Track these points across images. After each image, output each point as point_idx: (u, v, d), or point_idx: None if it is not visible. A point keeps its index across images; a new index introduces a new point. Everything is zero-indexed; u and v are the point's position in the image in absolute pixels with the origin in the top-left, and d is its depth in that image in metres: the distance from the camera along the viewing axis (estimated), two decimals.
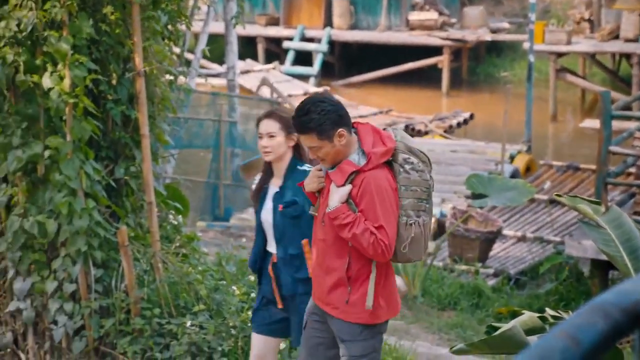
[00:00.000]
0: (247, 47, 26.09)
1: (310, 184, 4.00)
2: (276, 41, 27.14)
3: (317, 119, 3.80)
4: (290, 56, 26.21)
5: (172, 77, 6.37)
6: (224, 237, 10.41)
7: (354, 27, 26.81)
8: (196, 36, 15.32)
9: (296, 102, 18.85)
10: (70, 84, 5.15)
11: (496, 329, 2.68)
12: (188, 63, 9.21)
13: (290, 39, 26.60)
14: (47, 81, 5.13)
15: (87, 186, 5.33)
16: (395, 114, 20.95)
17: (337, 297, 3.90)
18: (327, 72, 26.07)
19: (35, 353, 5.57)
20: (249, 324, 5.13)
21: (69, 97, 5.14)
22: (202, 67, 19.30)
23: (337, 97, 20.64)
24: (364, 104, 22.44)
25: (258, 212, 4.44)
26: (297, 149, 4.36)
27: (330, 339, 4.03)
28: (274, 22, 27.55)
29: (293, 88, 23.40)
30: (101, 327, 5.36)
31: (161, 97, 6.00)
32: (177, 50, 6.61)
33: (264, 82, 19.37)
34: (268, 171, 4.44)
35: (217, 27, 19.47)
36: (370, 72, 25.39)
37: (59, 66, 5.16)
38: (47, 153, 5.25)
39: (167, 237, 6.03)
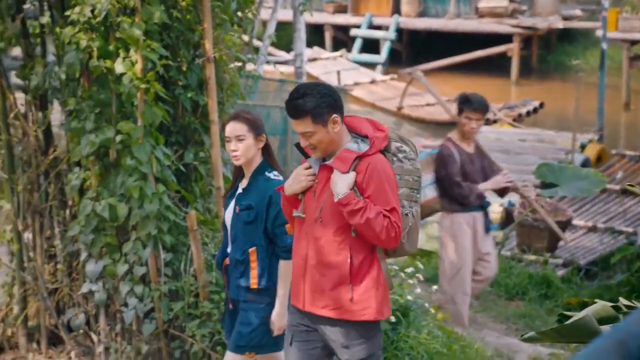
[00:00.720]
0: (315, 34, 26.11)
1: (296, 184, 3.80)
2: (343, 29, 27.09)
3: (313, 101, 3.67)
4: (357, 44, 26.14)
5: (240, 64, 6.41)
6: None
7: (422, 14, 26.61)
8: (264, 23, 15.40)
9: (364, 90, 18.59)
10: (141, 69, 5.21)
11: (568, 317, 2.62)
12: (256, 50, 9.25)
13: (358, 26, 26.52)
14: (119, 66, 5.20)
15: (158, 171, 5.40)
16: None
17: (338, 296, 3.74)
18: (395, 60, 25.93)
19: (107, 334, 5.67)
20: None
21: (140, 83, 5.21)
22: (269, 54, 19.38)
23: (404, 84, 20.36)
24: None
25: (225, 211, 4.39)
26: (266, 151, 4.24)
27: (323, 348, 3.86)
28: (341, 9, 27.51)
29: (360, 76, 23.34)
30: (170, 310, 5.43)
31: (230, 83, 6.05)
32: (245, 37, 6.64)
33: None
34: (240, 171, 4.36)
35: (286, 14, 19.52)
36: (438, 60, 25.16)
37: (131, 52, 5.23)
38: (118, 138, 5.33)
39: None
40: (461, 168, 6.08)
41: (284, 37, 23.14)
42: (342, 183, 3.66)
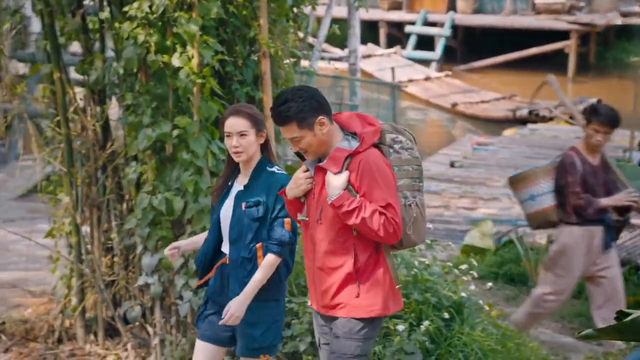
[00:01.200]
0: (369, 31, 26.06)
1: (295, 187, 3.79)
2: (398, 25, 27.00)
3: (295, 106, 3.62)
4: (412, 40, 26.03)
5: (295, 59, 6.43)
6: None
7: (478, 11, 26.40)
8: (319, 20, 15.42)
9: (418, 87, 18.49)
10: (198, 64, 5.26)
11: (627, 315, 2.58)
12: (310, 47, 9.27)
13: (413, 23, 26.42)
14: (176, 61, 5.26)
15: (213, 165, 5.45)
16: (518, 100, 20.52)
17: (346, 295, 3.72)
18: (449, 56, 25.77)
19: (162, 327, 5.74)
20: None
21: (196, 77, 5.26)
22: (323, 51, 19.41)
23: (458, 81, 20.30)
24: (486, 89, 22.08)
25: (217, 210, 4.19)
26: (265, 147, 4.15)
27: None
28: (396, 6, 27.42)
29: (414, 73, 23.24)
30: None
31: (285, 78, 6.07)
32: (300, 34, 6.66)
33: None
34: (233, 168, 4.21)
35: (340, 11, 19.50)
36: (494, 56, 24.94)
37: (188, 47, 5.28)
38: (175, 132, 5.39)
39: None
40: (582, 179, 5.76)
41: (338, 34, 23.14)
42: (335, 184, 3.63)
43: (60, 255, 6.20)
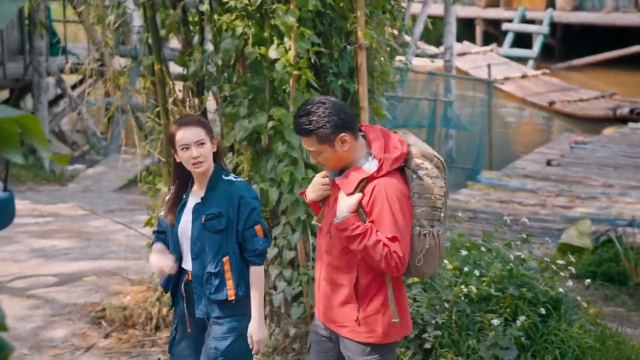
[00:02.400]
0: (465, 29, 25.79)
1: (313, 192, 3.70)
2: (494, 23, 26.65)
3: (316, 121, 3.48)
4: (508, 38, 25.66)
5: (391, 52, 6.41)
6: None
7: (578, 8, 25.83)
8: (414, 18, 15.35)
9: (514, 85, 18.29)
10: (294, 56, 5.30)
11: None
12: (405, 44, 9.23)
13: (510, 20, 26.03)
14: (273, 53, 5.30)
15: (308, 156, 5.47)
16: (618, 98, 20.00)
17: (346, 314, 3.62)
18: (547, 54, 25.30)
19: None
20: (463, 299, 5.09)
21: (293, 69, 5.29)
22: (418, 48, 19.29)
23: (556, 80, 20.00)
24: (585, 87, 21.58)
25: (175, 227, 3.97)
26: (217, 155, 3.96)
27: (337, 358, 3.75)
28: (493, 3, 27.08)
29: (511, 71, 22.89)
30: None
31: (380, 71, 6.06)
32: (395, 31, 6.64)
33: None
34: (185, 181, 3.99)
35: (435, 9, 19.37)
36: (593, 54, 24.36)
37: (285, 39, 5.33)
38: (270, 124, 5.44)
39: None
40: None
41: (433, 31, 22.95)
42: (343, 205, 3.49)
43: None
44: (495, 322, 4.87)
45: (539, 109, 20.35)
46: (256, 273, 3.92)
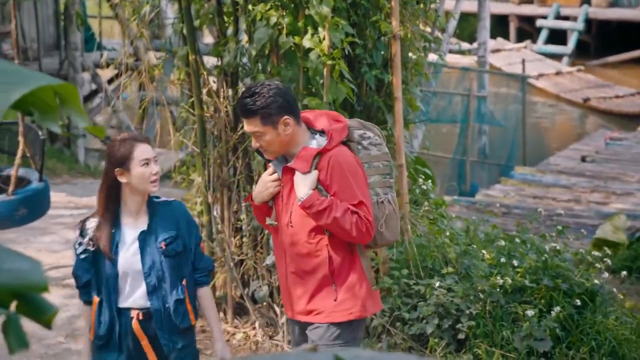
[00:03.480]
0: (498, 26, 25.62)
1: (264, 191, 3.67)
2: (529, 19, 26.46)
3: (262, 101, 3.50)
4: (543, 35, 25.46)
5: (425, 44, 6.38)
6: (470, 211, 10.31)
7: (613, 4, 25.57)
8: (447, 14, 15.26)
9: (548, 82, 18.08)
10: (328, 46, 5.29)
11: None
12: (439, 40, 9.19)
13: (545, 17, 25.82)
14: (307, 43, 5.30)
15: None
16: None
17: (323, 299, 3.60)
18: (582, 51, 25.06)
19: None
20: (497, 289, 5.05)
21: (326, 59, 5.29)
22: (451, 44, 19.18)
23: (591, 76, 19.78)
24: (621, 84, 21.35)
25: (114, 263, 3.60)
26: None
27: None
28: (527, 0, 26.89)
29: (545, 67, 22.71)
30: None
31: (415, 62, 6.04)
32: (428, 28, 6.62)
33: None
34: (113, 211, 3.64)
35: (469, 5, 19.27)
36: (629, 51, 24.08)
37: (319, 29, 5.32)
38: None
39: (416, 201, 6.07)
40: None
41: (466, 28, 22.84)
42: (304, 184, 3.49)
43: None
44: (530, 313, 4.84)
45: (574, 106, 20.17)
46: (209, 293, 3.81)
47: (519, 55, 23.04)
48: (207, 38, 11.77)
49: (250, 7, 5.54)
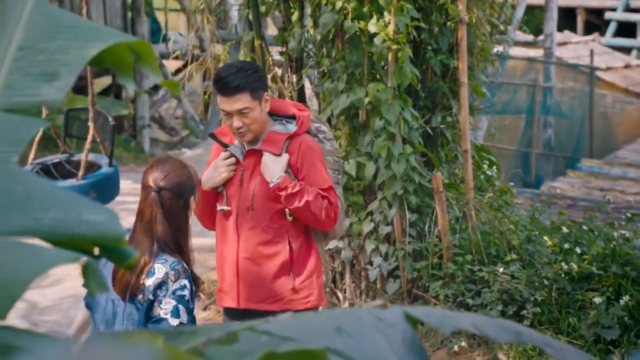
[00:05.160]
0: (566, 18, 25.21)
1: (216, 177, 3.57)
2: (597, 12, 25.99)
3: (248, 76, 3.44)
4: (611, 27, 24.98)
5: (492, 32, 6.32)
6: (534, 203, 10.18)
7: None
8: (513, 7, 15.08)
9: (617, 75, 17.67)
10: (394, 30, 5.27)
11: None
12: (506, 31, 9.10)
13: (614, 9, 25.34)
14: (372, 27, 5.29)
15: (405, 132, 5.44)
16: None
17: (280, 286, 3.54)
18: None
19: (352, 292, 5.81)
20: (563, 276, 4.98)
21: (392, 44, 5.27)
22: (517, 33, 18.95)
23: None
24: None
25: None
26: None
27: None
28: None
29: (613, 60, 22.26)
30: (414, 270, 5.47)
31: (481, 47, 5.98)
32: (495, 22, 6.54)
33: None
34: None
35: None
36: None
37: (385, 13, 5.31)
38: (368, 99, 5.43)
39: (480, 187, 6.02)
40: None
41: (532, 22, 22.50)
42: (275, 166, 3.46)
43: None
44: (597, 300, 4.76)
45: None
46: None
47: (587, 48, 22.63)
48: (270, 30, 11.81)
49: None
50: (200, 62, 6.58)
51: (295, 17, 5.91)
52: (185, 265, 3.03)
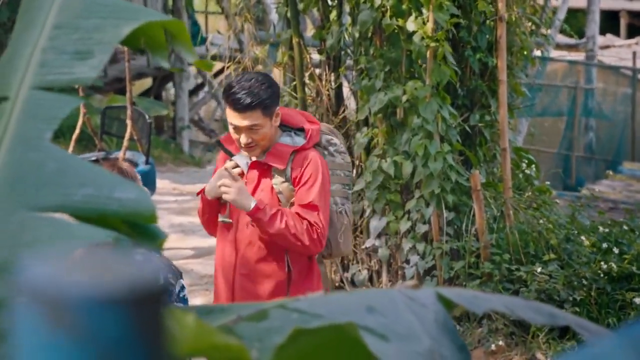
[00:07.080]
0: (608, 22, 24.94)
1: (219, 186, 3.36)
2: None
3: (258, 93, 3.27)
4: None
5: (532, 30, 6.27)
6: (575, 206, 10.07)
7: None
8: (554, 11, 14.94)
9: None
10: (432, 28, 5.24)
11: None
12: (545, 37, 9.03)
13: None
14: (411, 25, 5.27)
15: (443, 130, 5.41)
16: None
17: None
18: None
19: None
20: (602, 276, 4.92)
21: (430, 41, 5.24)
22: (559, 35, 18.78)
23: None
24: None
25: None
26: None
27: None
28: None
29: None
30: (451, 269, 5.43)
31: (520, 46, 5.93)
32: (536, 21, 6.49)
33: None
34: None
35: (577, 1, 18.83)
36: None
37: (424, 10, 5.28)
38: (405, 97, 5.41)
39: (519, 186, 5.96)
40: None
41: (573, 25, 22.28)
42: (241, 197, 3.26)
43: None
44: (638, 300, 4.69)
45: None
46: None
47: (630, 51, 22.36)
48: (309, 32, 11.84)
49: None
50: (237, 62, 6.60)
51: (333, 15, 5.91)
52: (171, 263, 3.00)
